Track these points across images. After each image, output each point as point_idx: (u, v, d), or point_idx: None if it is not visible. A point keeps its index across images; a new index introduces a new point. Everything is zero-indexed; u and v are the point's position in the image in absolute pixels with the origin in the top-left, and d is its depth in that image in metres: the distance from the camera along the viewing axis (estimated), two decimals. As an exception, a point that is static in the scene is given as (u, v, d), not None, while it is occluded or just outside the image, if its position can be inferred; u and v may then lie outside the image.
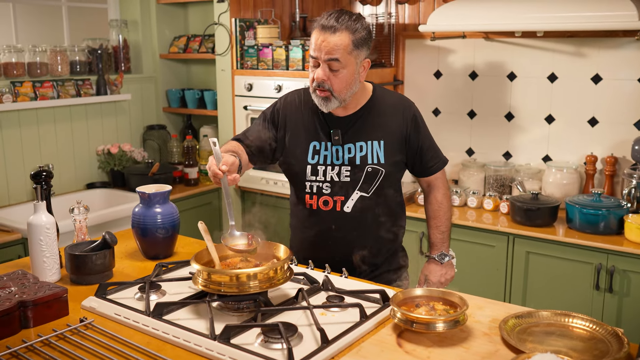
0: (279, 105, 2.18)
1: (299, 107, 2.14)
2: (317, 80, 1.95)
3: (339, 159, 2.06)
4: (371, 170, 2.06)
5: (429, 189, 2.25)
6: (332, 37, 1.90)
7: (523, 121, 3.47)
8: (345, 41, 1.91)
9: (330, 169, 2.07)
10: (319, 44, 1.92)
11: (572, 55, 3.25)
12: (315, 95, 2.00)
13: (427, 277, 2.22)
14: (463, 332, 1.58)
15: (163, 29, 4.14)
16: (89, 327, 1.65)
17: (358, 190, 2.07)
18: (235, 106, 3.74)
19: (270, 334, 1.52)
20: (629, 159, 3.16)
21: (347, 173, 2.06)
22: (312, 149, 2.09)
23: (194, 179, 3.88)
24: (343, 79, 1.95)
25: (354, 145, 2.06)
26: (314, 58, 1.96)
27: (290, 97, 2.19)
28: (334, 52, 1.91)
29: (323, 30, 1.92)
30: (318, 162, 2.08)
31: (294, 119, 2.13)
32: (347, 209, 2.07)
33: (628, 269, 2.72)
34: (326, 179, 2.07)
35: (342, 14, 1.94)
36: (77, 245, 2.03)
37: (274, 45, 3.53)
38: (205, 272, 1.70)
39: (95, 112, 3.78)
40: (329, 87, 1.95)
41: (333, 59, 1.91)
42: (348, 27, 1.91)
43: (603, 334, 1.55)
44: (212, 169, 1.79)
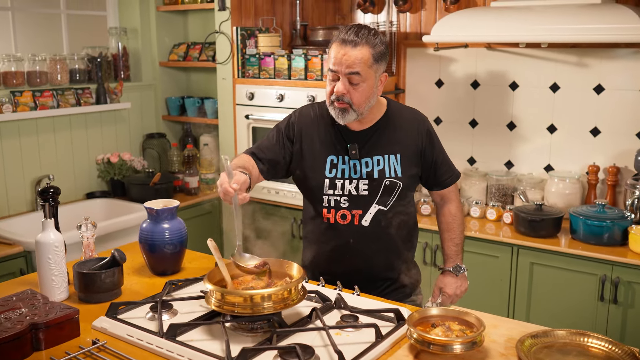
0: (294, 118, 2.16)
1: (314, 120, 2.13)
2: (337, 94, 1.95)
3: (357, 172, 2.06)
4: (389, 183, 2.06)
5: (442, 202, 2.25)
6: (353, 50, 1.91)
7: (525, 130, 3.48)
8: (365, 55, 1.92)
9: (348, 183, 2.06)
10: (339, 58, 1.92)
11: (575, 66, 3.26)
12: (333, 108, 1.99)
13: (443, 290, 2.22)
14: (480, 352, 1.58)
15: (163, 37, 4.11)
16: (101, 349, 1.63)
17: (376, 203, 2.06)
18: (237, 115, 3.73)
19: (287, 356, 1.51)
20: (631, 169, 3.17)
21: (365, 187, 2.06)
22: (330, 163, 2.08)
23: (194, 188, 3.86)
24: (363, 93, 1.95)
25: (372, 159, 2.07)
26: (333, 72, 1.95)
27: (305, 110, 2.17)
28: (355, 65, 1.91)
29: (344, 44, 1.92)
30: (336, 176, 2.07)
31: (309, 133, 2.12)
32: (365, 223, 2.07)
33: (633, 280, 2.72)
34: (344, 192, 2.07)
35: (362, 29, 1.95)
36: (85, 262, 2.01)
37: (275, 54, 3.52)
38: (219, 292, 1.68)
39: (94, 121, 3.76)
40: (348, 100, 1.95)
41: (354, 72, 1.92)
42: (368, 41, 1.93)
43: (620, 354, 1.55)
44: (223, 186, 1.77)
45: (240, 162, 2.03)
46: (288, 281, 1.79)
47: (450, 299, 2.22)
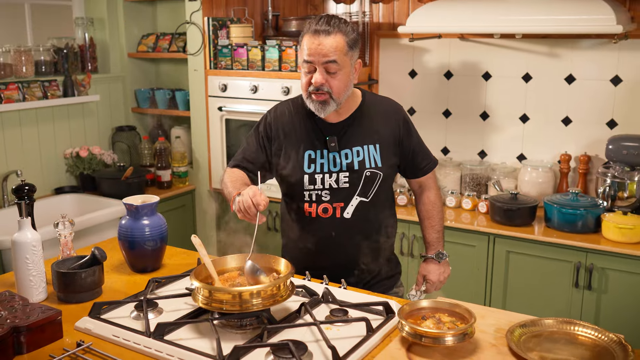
0: (270, 118, 2.14)
1: (290, 117, 2.12)
2: (316, 84, 1.93)
3: (337, 165, 2.05)
4: (370, 174, 2.05)
5: (421, 190, 2.26)
6: (327, 39, 1.90)
7: (498, 120, 3.51)
8: (340, 43, 1.92)
9: (328, 177, 2.05)
10: (314, 48, 1.91)
11: (546, 56, 3.30)
12: (311, 101, 1.98)
13: (427, 277, 2.23)
14: (470, 343, 1.58)
15: (131, 27, 4.02)
16: (87, 351, 1.59)
17: (357, 195, 2.06)
18: (209, 107, 3.67)
19: (279, 353, 1.49)
20: (601, 157, 3.24)
21: (346, 179, 2.05)
22: (308, 158, 2.06)
23: (167, 182, 3.80)
24: (341, 81, 1.95)
25: (351, 151, 2.06)
26: (309, 63, 1.93)
27: (280, 108, 2.16)
28: (331, 54, 1.90)
29: (317, 34, 1.92)
30: (315, 171, 2.06)
31: (287, 130, 2.10)
32: (347, 215, 2.06)
33: (606, 267, 2.78)
34: (325, 186, 2.05)
35: (332, 18, 1.96)
36: (64, 261, 1.95)
37: (249, 45, 3.47)
38: (207, 289, 1.65)
39: (62, 114, 3.65)
40: (328, 89, 1.94)
41: (331, 60, 1.91)
42: (341, 29, 1.93)
43: (606, 342, 1.58)
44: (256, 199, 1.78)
45: (239, 180, 2.02)
46: (275, 276, 1.77)
47: (434, 286, 2.24)
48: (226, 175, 2.07)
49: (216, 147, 3.71)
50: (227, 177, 2.05)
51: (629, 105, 3.15)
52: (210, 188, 3.82)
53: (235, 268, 1.86)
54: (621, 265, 2.75)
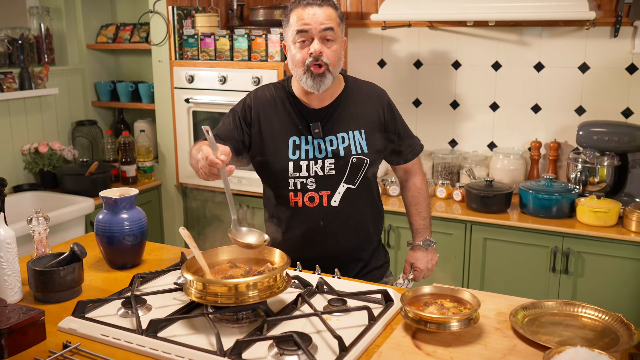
0: (249, 101, 2.05)
1: (271, 101, 2.03)
2: (315, 54, 1.86)
3: (322, 152, 1.98)
4: (356, 160, 2.00)
5: (407, 176, 2.22)
6: (322, 9, 1.87)
7: (468, 109, 3.52)
8: (333, 13, 1.89)
9: (313, 163, 1.99)
10: (310, 17, 1.86)
11: (516, 44, 3.33)
12: (309, 75, 1.89)
13: (415, 265, 2.20)
14: (475, 328, 1.56)
15: (89, 17, 3.86)
16: (75, 353, 1.49)
17: (344, 182, 2.00)
18: (175, 99, 3.56)
19: (284, 345, 1.43)
20: (570, 143, 3.28)
21: (332, 166, 1.99)
22: (292, 144, 1.99)
23: (132, 177, 3.67)
24: (336, 52, 1.90)
25: (336, 137, 1.99)
26: (304, 32, 1.87)
27: (260, 92, 2.07)
28: (327, 21, 1.87)
29: (309, 5, 1.88)
30: (300, 158, 1.98)
31: (267, 114, 2.02)
32: (335, 203, 2.00)
33: (582, 250, 2.82)
34: (310, 174, 1.99)
35: None
36: (40, 259, 1.83)
37: (216, 35, 3.38)
38: (201, 282, 1.58)
39: (18, 108, 3.48)
40: (325, 60, 1.88)
41: (328, 28, 1.87)
42: (330, 3, 1.91)
43: (608, 321, 1.58)
44: (209, 158, 1.63)
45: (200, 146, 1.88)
46: (270, 267, 1.70)
47: (422, 273, 2.21)
48: (193, 150, 1.91)
49: (183, 141, 3.60)
50: (193, 151, 1.89)
51: (596, 91, 3.21)
52: (177, 183, 3.71)
53: (225, 260, 1.78)
54: (597, 248, 2.79)
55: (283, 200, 2.04)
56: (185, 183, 3.67)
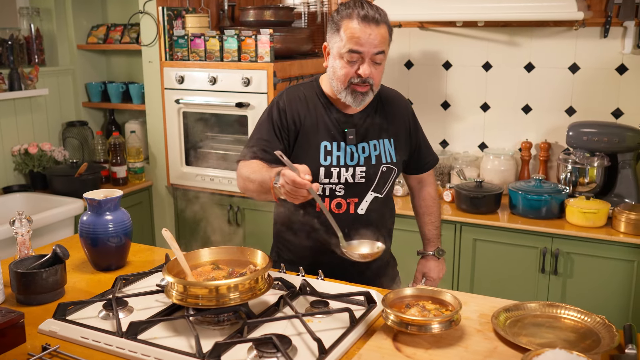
0: (282, 104, 1.95)
1: (304, 103, 1.95)
2: (365, 76, 1.80)
3: (354, 159, 1.93)
4: (386, 169, 1.97)
5: (420, 186, 2.20)
6: (378, 29, 1.78)
7: (459, 109, 3.52)
8: (386, 33, 1.82)
9: (344, 171, 1.93)
10: (365, 38, 1.77)
11: (506, 45, 3.33)
12: (350, 92, 1.84)
13: (427, 274, 2.18)
14: (457, 330, 1.55)
15: (79, 18, 3.85)
16: (54, 355, 1.48)
17: (372, 190, 1.97)
18: (165, 100, 3.55)
19: (263, 348, 1.42)
20: (561, 144, 3.28)
21: (362, 174, 1.94)
22: (324, 150, 1.92)
23: (122, 178, 3.66)
24: (381, 72, 1.86)
25: (368, 144, 1.95)
26: (356, 53, 1.79)
27: (291, 93, 1.97)
28: (381, 45, 1.80)
29: (366, 21, 1.77)
30: (331, 164, 1.92)
31: (301, 117, 1.94)
32: (361, 211, 1.96)
33: (571, 251, 2.82)
34: (340, 180, 1.93)
35: (372, 4, 1.82)
36: (23, 261, 1.83)
37: (206, 35, 3.37)
38: (181, 284, 1.57)
39: (8, 109, 3.47)
40: (372, 82, 1.83)
41: (380, 52, 1.80)
42: (386, 19, 1.82)
43: (590, 323, 1.57)
44: (296, 181, 1.57)
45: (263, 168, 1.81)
46: (252, 269, 1.70)
47: (434, 283, 2.19)
48: (244, 169, 1.86)
49: (174, 141, 3.59)
50: (246, 171, 1.84)
51: (586, 92, 3.20)
52: (168, 184, 3.70)
53: (208, 262, 1.78)
54: (586, 249, 2.79)
55: (308, 204, 1.92)
56: (176, 184, 3.66)
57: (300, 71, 3.45)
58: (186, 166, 3.59)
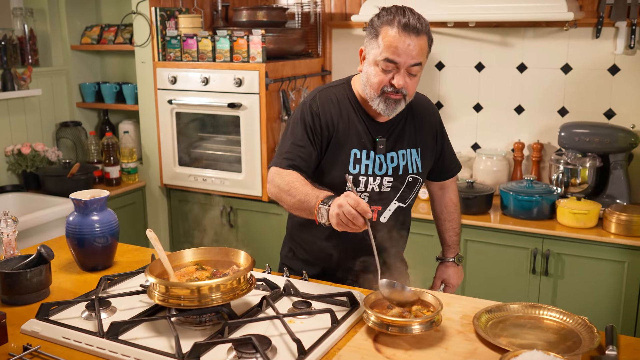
0: (316, 107, 1.88)
1: (337, 108, 1.89)
2: (398, 87, 1.75)
3: (382, 169, 1.90)
4: (412, 180, 1.94)
5: (442, 192, 2.18)
6: (417, 40, 1.72)
7: (452, 110, 3.52)
8: (426, 44, 1.76)
9: (372, 180, 1.89)
10: (404, 48, 1.71)
11: (498, 45, 3.32)
12: (383, 99, 1.78)
13: (447, 281, 2.17)
14: (438, 331, 1.55)
15: (73, 19, 3.85)
16: (35, 355, 1.49)
17: (397, 200, 1.94)
18: (158, 100, 3.55)
19: (242, 348, 1.43)
20: (553, 144, 3.28)
21: (389, 184, 1.91)
22: (353, 158, 1.88)
23: (115, 179, 3.66)
24: (416, 82, 1.80)
25: (397, 154, 1.91)
26: (392, 62, 1.73)
27: (323, 96, 1.90)
28: (418, 56, 1.74)
29: (406, 30, 1.71)
30: (360, 173, 1.88)
31: (335, 122, 1.88)
32: (384, 220, 1.94)
33: (562, 252, 2.81)
34: (367, 189, 1.90)
35: (413, 12, 1.76)
36: (7, 261, 1.83)
37: (199, 36, 3.37)
38: (163, 285, 1.57)
39: (1, 110, 3.47)
40: (405, 92, 1.78)
41: (417, 64, 1.75)
42: (427, 29, 1.76)
43: (572, 324, 1.57)
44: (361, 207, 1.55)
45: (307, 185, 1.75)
46: (235, 270, 1.70)
47: (452, 289, 2.19)
48: (279, 179, 1.80)
49: (167, 142, 3.59)
50: (283, 182, 1.78)
51: (578, 92, 3.20)
52: (161, 184, 3.71)
53: (191, 262, 1.78)
54: (576, 250, 2.79)
55: None
56: (169, 184, 3.66)
57: (292, 72, 3.45)
58: (179, 166, 3.60)
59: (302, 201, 1.71)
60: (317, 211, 1.65)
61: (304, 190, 1.72)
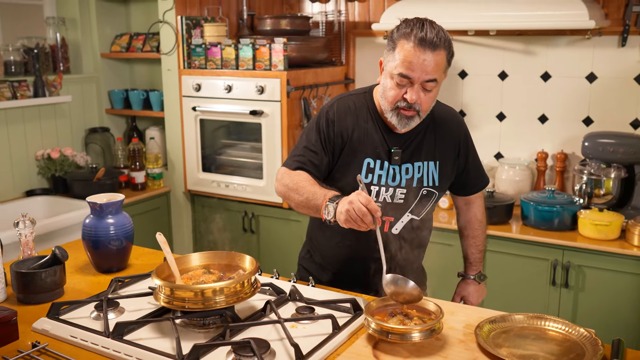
0: (332, 115, 1.89)
1: (354, 115, 1.89)
2: (411, 102, 1.73)
3: (395, 180, 1.88)
4: (426, 193, 1.91)
5: (467, 207, 2.13)
6: (433, 55, 1.69)
7: (475, 119, 3.49)
8: (443, 59, 1.72)
9: (384, 190, 1.88)
10: (418, 63, 1.68)
11: (522, 53, 3.29)
12: (396, 114, 1.78)
13: (466, 298, 2.14)
14: (439, 340, 1.55)
15: (104, 27, 3.95)
16: (42, 352, 1.53)
17: (410, 212, 1.91)
18: (183, 107, 3.62)
19: (241, 351, 1.44)
20: (578, 154, 3.22)
21: (402, 195, 1.89)
22: (366, 167, 1.88)
23: (141, 184, 3.73)
24: (432, 98, 1.77)
25: (412, 166, 1.89)
26: (405, 77, 1.72)
27: (341, 104, 1.91)
28: (433, 72, 1.70)
29: (422, 45, 1.68)
30: (372, 182, 1.88)
31: (349, 131, 1.88)
32: (395, 231, 1.92)
33: (583, 264, 2.76)
34: (378, 199, 1.89)
35: (434, 25, 1.72)
36: (24, 261, 1.89)
37: (222, 44, 3.43)
38: (168, 287, 1.60)
39: (33, 115, 3.58)
40: (419, 108, 1.76)
41: (431, 80, 1.71)
42: (445, 44, 1.72)
43: (577, 336, 1.55)
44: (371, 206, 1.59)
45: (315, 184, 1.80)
46: (241, 274, 1.72)
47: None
48: (287, 178, 1.84)
49: (191, 148, 3.65)
50: (291, 181, 1.83)
51: (604, 102, 3.14)
52: (185, 190, 3.77)
53: (199, 266, 1.81)
54: (598, 262, 2.73)
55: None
56: (193, 190, 3.72)
57: (315, 80, 3.47)
58: (203, 172, 3.65)
59: (309, 199, 1.75)
60: (324, 208, 1.68)
61: (312, 189, 1.76)
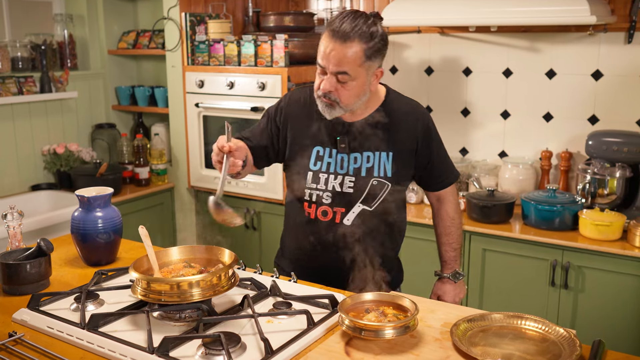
0: (284, 103, 2.01)
1: (304, 107, 1.96)
2: (323, 91, 1.78)
3: (344, 168, 1.91)
4: (376, 183, 1.91)
5: (439, 204, 2.10)
6: (342, 47, 1.70)
7: (479, 117, 3.45)
8: (356, 53, 1.71)
9: (332, 178, 1.92)
10: (327, 53, 1.73)
11: (527, 51, 3.24)
12: (320, 101, 1.83)
13: (441, 298, 2.11)
14: (414, 337, 1.52)
15: (111, 24, 3.99)
16: (18, 343, 1.54)
17: (361, 203, 1.91)
18: (187, 103, 3.63)
19: (211, 345, 1.44)
20: (583, 154, 3.16)
21: (351, 184, 1.91)
22: (315, 155, 1.93)
23: (145, 179, 3.75)
24: (352, 91, 1.78)
25: (361, 155, 1.91)
26: (320, 66, 1.77)
27: (295, 95, 2.00)
28: (342, 64, 1.72)
29: (333, 36, 1.71)
30: (320, 170, 1.93)
31: (298, 120, 1.96)
32: (347, 222, 1.92)
33: (583, 265, 2.71)
34: (327, 188, 1.92)
35: (358, 18, 1.73)
36: (10, 253, 1.91)
37: (225, 41, 3.43)
38: (145, 280, 1.60)
39: (39, 111, 3.62)
40: (335, 98, 1.78)
41: (341, 72, 1.73)
42: (362, 36, 1.71)
43: (556, 336, 1.51)
44: (219, 143, 1.74)
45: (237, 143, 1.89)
46: (219, 267, 1.72)
47: None
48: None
49: (194, 144, 3.66)
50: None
51: (610, 100, 3.08)
52: (189, 186, 3.78)
53: (180, 260, 1.81)
54: (598, 263, 2.67)
55: (299, 207, 1.98)
56: (196, 186, 3.73)
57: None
58: (205, 169, 3.66)
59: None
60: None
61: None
